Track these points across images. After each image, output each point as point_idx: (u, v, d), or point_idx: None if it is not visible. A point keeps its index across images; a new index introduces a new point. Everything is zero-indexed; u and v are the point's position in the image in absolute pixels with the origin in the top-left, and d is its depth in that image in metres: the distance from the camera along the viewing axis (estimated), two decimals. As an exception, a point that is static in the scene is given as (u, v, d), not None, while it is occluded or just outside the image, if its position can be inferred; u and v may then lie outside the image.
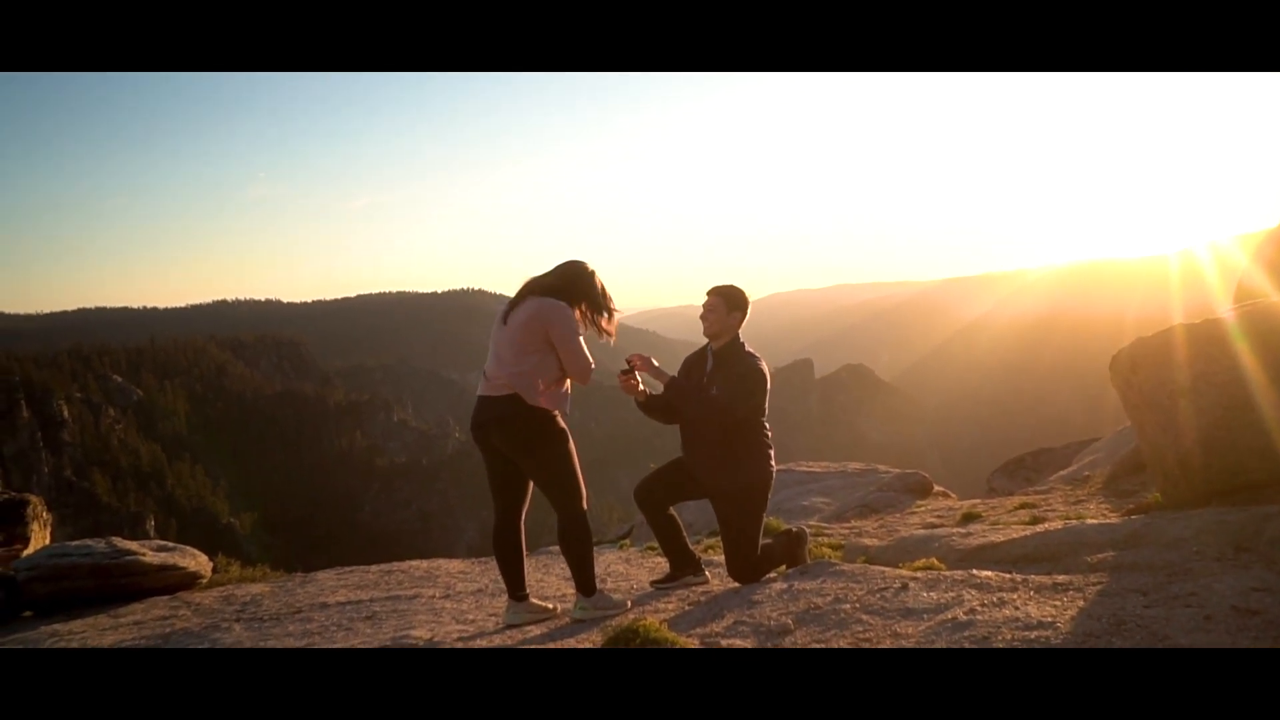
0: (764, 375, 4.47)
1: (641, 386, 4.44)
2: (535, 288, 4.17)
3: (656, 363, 4.51)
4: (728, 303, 4.51)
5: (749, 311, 4.58)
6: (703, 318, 4.55)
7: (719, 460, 4.48)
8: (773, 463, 4.60)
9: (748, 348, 4.55)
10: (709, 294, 4.56)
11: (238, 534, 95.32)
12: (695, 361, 4.70)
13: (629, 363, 4.38)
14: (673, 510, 4.76)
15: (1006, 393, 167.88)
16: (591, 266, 4.27)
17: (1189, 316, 5.43)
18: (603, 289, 4.26)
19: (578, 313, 4.18)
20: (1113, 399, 6.23)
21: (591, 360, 4.14)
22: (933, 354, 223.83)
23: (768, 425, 4.61)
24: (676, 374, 4.69)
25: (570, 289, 4.17)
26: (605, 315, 4.26)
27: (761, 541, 4.61)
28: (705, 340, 4.66)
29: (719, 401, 4.36)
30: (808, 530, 5.17)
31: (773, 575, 4.59)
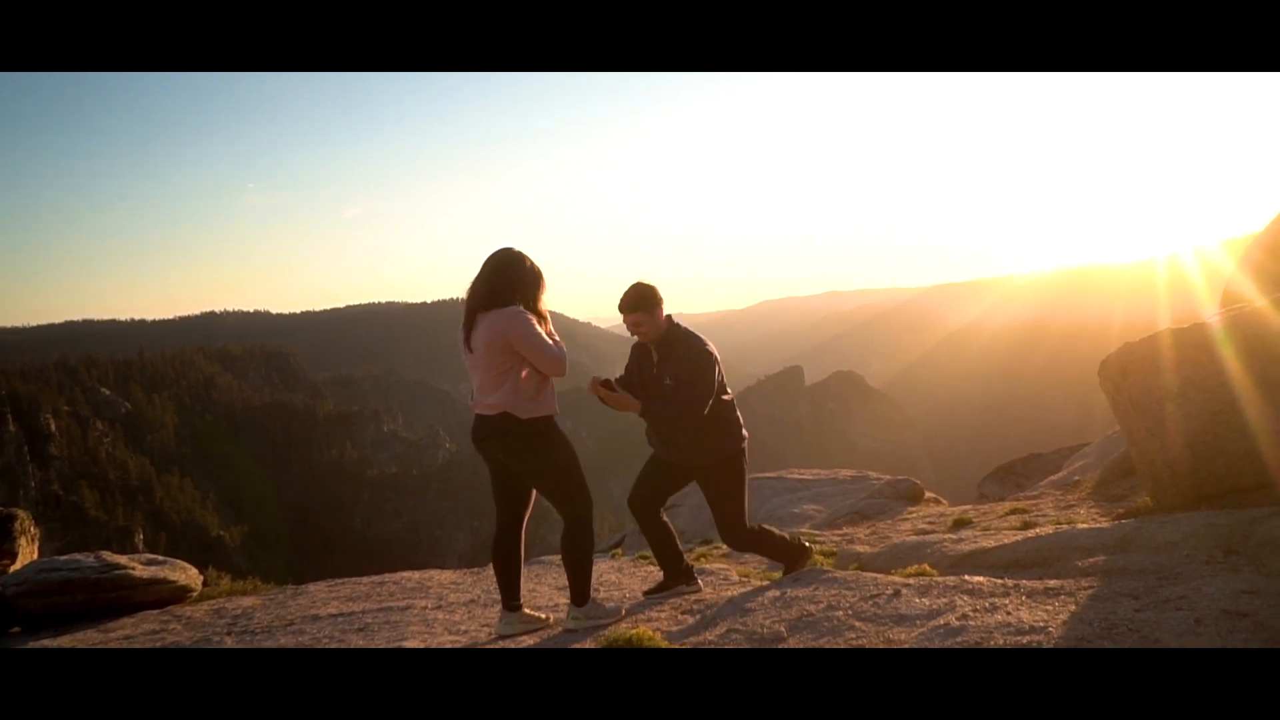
0: (710, 355, 4.43)
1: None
2: (479, 303, 4.07)
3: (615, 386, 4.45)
4: (647, 307, 4.41)
5: (662, 298, 4.46)
6: (638, 335, 4.49)
7: (689, 436, 4.48)
8: (744, 432, 4.60)
9: (685, 329, 4.51)
10: (626, 312, 4.43)
11: (227, 546, 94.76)
12: (644, 351, 4.63)
13: (594, 387, 4.37)
14: (666, 518, 4.77)
15: (996, 398, 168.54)
16: (515, 250, 4.14)
17: (1176, 321, 5.47)
18: (533, 268, 4.14)
19: (538, 298, 4.13)
20: (1101, 404, 6.26)
21: (561, 351, 4.08)
22: (922, 360, 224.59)
23: (729, 393, 4.56)
24: (628, 362, 4.69)
25: (509, 288, 4.06)
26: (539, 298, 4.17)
27: (779, 532, 4.69)
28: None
29: (687, 404, 4.33)
30: (811, 548, 5.15)
31: (765, 583, 4.60)
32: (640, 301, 4.42)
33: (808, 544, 5.03)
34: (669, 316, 4.52)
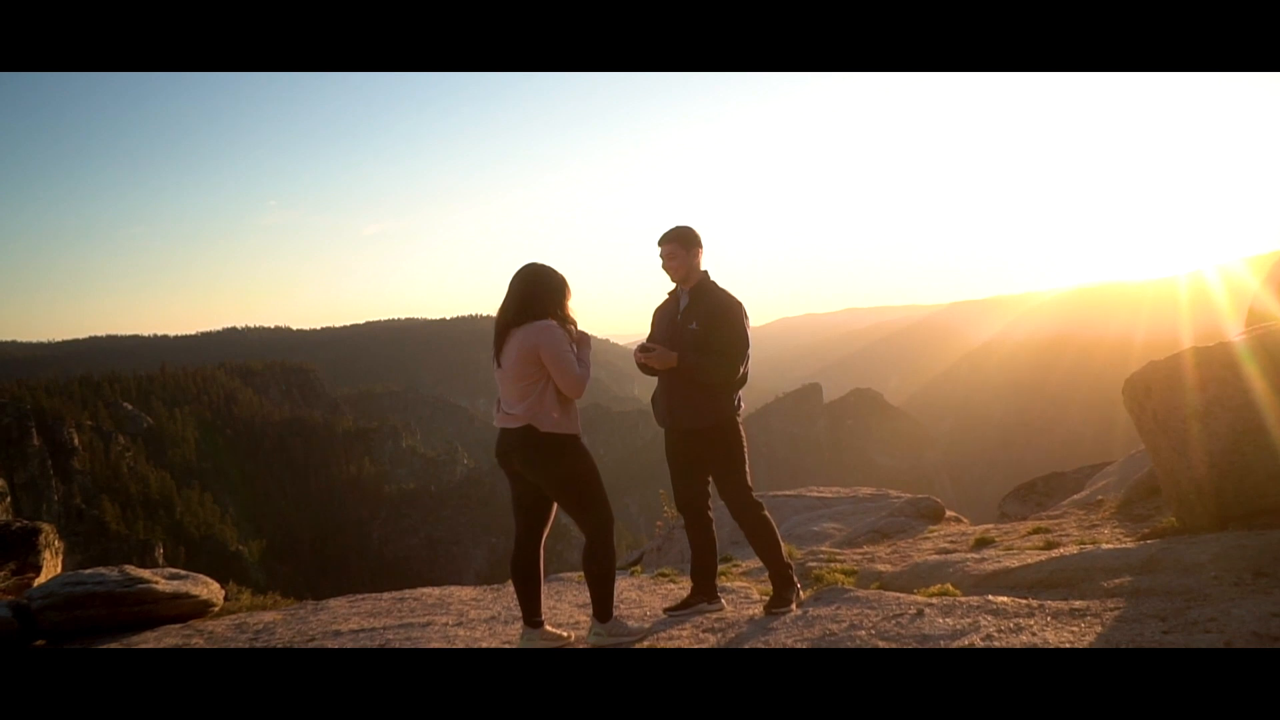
0: (741, 305, 4.53)
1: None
2: (510, 320, 4.12)
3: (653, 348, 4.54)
4: (683, 243, 4.56)
5: (703, 246, 4.62)
6: (666, 268, 4.61)
7: (694, 400, 4.50)
8: (740, 402, 4.60)
9: (720, 284, 4.60)
10: (662, 244, 4.59)
11: (245, 561, 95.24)
12: (666, 307, 4.72)
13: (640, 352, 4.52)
14: (715, 532, 4.75)
15: (1016, 416, 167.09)
16: (540, 264, 4.21)
17: (1198, 339, 5.42)
18: (558, 278, 4.19)
19: (565, 305, 4.17)
20: (1123, 421, 6.21)
21: (583, 373, 4.10)
22: (942, 378, 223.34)
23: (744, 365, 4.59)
24: (650, 330, 4.78)
25: (537, 301, 4.10)
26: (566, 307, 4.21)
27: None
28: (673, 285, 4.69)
29: (724, 357, 4.41)
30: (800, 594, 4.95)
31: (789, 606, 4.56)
32: (678, 234, 4.59)
33: (799, 587, 4.74)
34: (705, 271, 4.62)
